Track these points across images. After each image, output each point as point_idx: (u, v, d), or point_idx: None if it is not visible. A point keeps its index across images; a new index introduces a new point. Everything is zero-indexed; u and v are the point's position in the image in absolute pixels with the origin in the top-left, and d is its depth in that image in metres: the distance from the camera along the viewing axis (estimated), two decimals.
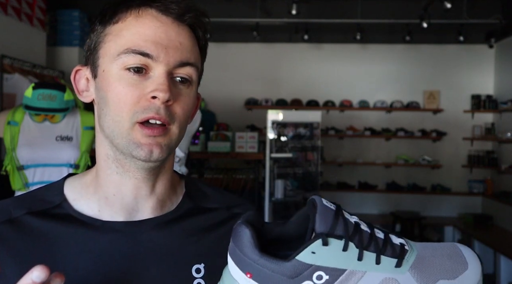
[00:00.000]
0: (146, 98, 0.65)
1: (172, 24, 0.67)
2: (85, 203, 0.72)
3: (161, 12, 0.67)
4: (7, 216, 0.69)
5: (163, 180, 0.73)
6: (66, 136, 2.52)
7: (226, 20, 5.93)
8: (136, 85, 0.65)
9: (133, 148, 0.65)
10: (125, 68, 0.65)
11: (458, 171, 6.43)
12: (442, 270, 0.54)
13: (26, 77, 4.12)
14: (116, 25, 0.67)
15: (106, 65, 0.67)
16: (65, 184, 0.74)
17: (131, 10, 0.67)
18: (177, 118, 0.67)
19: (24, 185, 2.44)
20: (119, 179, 0.70)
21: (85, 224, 0.69)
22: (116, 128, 0.66)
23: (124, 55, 0.65)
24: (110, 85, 0.66)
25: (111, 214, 0.71)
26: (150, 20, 0.66)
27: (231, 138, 4.69)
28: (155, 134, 0.65)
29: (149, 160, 0.66)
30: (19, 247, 0.66)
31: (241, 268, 0.53)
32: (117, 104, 0.65)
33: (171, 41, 0.66)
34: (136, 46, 0.65)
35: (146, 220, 0.71)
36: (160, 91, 0.64)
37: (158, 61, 0.65)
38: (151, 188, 0.72)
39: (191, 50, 0.69)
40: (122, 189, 0.70)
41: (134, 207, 0.71)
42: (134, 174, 0.69)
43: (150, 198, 0.72)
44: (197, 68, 0.70)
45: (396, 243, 0.55)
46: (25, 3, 4.68)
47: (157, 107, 0.64)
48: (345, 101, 6.47)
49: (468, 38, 5.99)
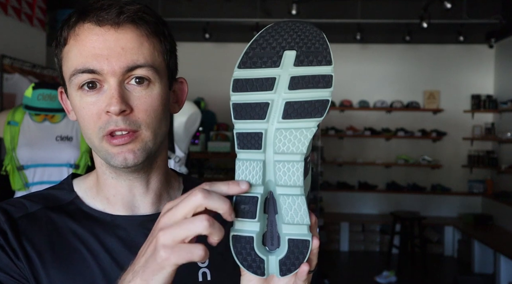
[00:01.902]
0: (104, 113, 0.66)
1: (108, 32, 0.66)
2: (91, 202, 0.75)
3: (95, 24, 0.66)
4: (24, 211, 0.71)
5: (157, 176, 0.75)
6: (66, 136, 2.51)
7: (226, 20, 5.93)
8: (94, 102, 0.67)
9: (109, 158, 0.68)
10: (80, 87, 0.67)
11: (458, 171, 6.43)
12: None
13: (26, 77, 4.12)
14: (65, 47, 0.69)
15: (68, 88, 0.70)
16: (73, 183, 0.78)
17: (69, 29, 0.68)
18: (143, 122, 0.67)
19: (24, 185, 2.44)
20: (115, 182, 0.74)
21: (97, 219, 0.73)
22: (90, 143, 0.70)
23: (73, 77, 0.67)
24: (75, 106, 0.69)
25: (115, 212, 0.74)
26: (86, 35, 0.66)
27: (231, 138, 4.69)
28: (122, 142, 0.66)
29: (126, 166, 0.68)
30: (38, 239, 0.69)
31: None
32: (84, 122, 0.68)
33: (111, 49, 0.65)
34: (80, 64, 0.66)
35: (151, 215, 0.74)
36: (111, 105, 0.65)
37: (104, 73, 0.65)
38: (146, 185, 0.74)
39: (137, 51, 0.67)
40: (120, 190, 0.74)
41: (134, 204, 0.75)
42: (127, 176, 0.73)
43: (147, 194, 0.75)
44: (151, 66, 0.67)
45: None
46: (25, 3, 4.68)
47: (115, 120, 0.65)
48: (345, 101, 6.47)
49: (468, 38, 5.99)
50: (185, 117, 2.64)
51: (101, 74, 0.65)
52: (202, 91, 6.22)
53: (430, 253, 6.03)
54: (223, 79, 6.57)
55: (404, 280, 5.16)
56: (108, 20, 0.66)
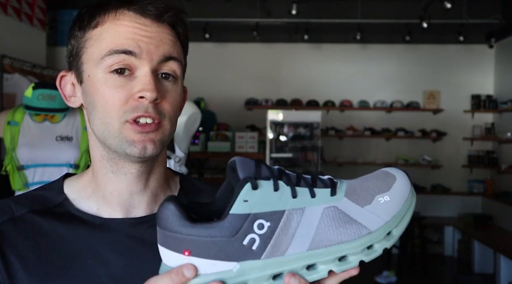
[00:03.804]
0: (134, 98, 0.65)
1: (151, 25, 0.67)
2: (84, 203, 0.73)
3: (139, 14, 0.67)
4: (9, 215, 0.70)
5: (156, 174, 0.75)
6: (66, 136, 2.51)
7: (226, 20, 5.93)
8: (123, 86, 0.65)
9: (126, 146, 0.66)
10: (110, 71, 0.66)
11: (458, 171, 6.43)
12: (375, 187, 0.55)
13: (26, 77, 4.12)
14: (96, 29, 0.67)
15: (90, 70, 0.68)
16: (64, 184, 0.75)
17: (109, 13, 0.67)
18: (167, 114, 0.68)
19: (24, 185, 2.44)
20: (114, 177, 0.71)
21: (86, 222, 0.70)
22: (106, 129, 0.67)
23: (107, 57, 0.65)
24: (97, 89, 0.67)
25: (110, 212, 0.72)
26: (128, 21, 0.66)
27: (231, 138, 4.70)
28: (147, 130, 0.66)
29: (143, 156, 0.67)
30: (22, 245, 0.67)
31: (175, 250, 0.49)
32: (105, 107, 0.66)
33: (152, 38, 0.67)
34: (118, 45, 0.65)
35: (144, 217, 0.73)
36: (147, 90, 0.64)
37: (142, 58, 0.65)
38: (144, 183, 0.73)
39: (173, 45, 0.69)
40: (118, 187, 0.72)
41: (130, 203, 0.73)
42: (129, 170, 0.71)
43: (144, 193, 0.73)
44: (180, 62, 0.70)
45: (324, 178, 0.55)
46: (25, 3, 4.68)
47: (146, 106, 0.65)
48: (345, 101, 6.47)
49: (468, 38, 5.99)
50: (185, 117, 2.64)
51: (138, 58, 0.65)
52: (202, 91, 6.22)
53: (430, 253, 6.03)
54: (223, 79, 6.60)
55: (404, 280, 5.15)
56: (153, 15, 0.67)
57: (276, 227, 0.50)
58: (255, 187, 0.49)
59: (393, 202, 0.55)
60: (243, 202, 0.49)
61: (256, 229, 0.49)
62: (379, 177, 0.57)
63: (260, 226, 0.49)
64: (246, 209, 0.49)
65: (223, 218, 0.49)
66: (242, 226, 0.49)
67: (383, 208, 0.54)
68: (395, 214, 0.55)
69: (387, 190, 0.55)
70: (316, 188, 0.53)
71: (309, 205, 0.52)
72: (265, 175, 0.51)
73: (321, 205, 0.52)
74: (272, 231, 0.50)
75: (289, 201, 0.51)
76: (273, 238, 0.50)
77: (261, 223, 0.49)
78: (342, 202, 0.53)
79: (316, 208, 0.52)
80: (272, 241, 0.50)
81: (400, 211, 0.55)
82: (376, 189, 0.55)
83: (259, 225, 0.49)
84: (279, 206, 0.50)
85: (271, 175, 0.51)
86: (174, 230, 0.49)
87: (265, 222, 0.49)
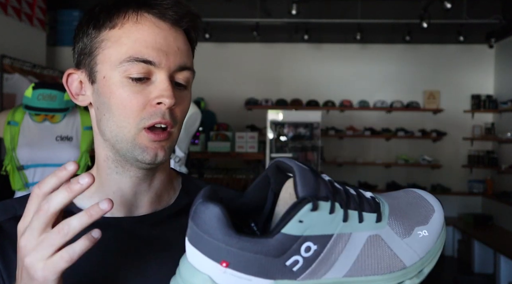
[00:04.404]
0: (151, 104, 0.66)
1: (170, 29, 0.68)
2: (87, 201, 0.73)
3: (159, 18, 0.67)
4: (12, 213, 0.71)
5: (160, 175, 0.75)
6: (66, 136, 2.51)
7: (226, 20, 5.93)
8: (140, 92, 0.66)
9: (139, 152, 0.67)
10: (128, 76, 0.66)
11: (458, 171, 6.43)
12: (415, 218, 0.53)
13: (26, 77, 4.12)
14: (113, 30, 0.67)
15: (107, 72, 0.67)
16: None
17: (128, 15, 0.67)
18: (178, 121, 0.70)
19: (24, 185, 2.44)
20: (119, 178, 0.72)
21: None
22: (120, 133, 0.67)
23: (127, 63, 0.65)
24: (113, 92, 0.66)
25: (112, 211, 0.72)
26: (149, 26, 0.66)
27: (231, 138, 4.69)
28: (160, 138, 0.67)
29: (154, 163, 0.68)
30: None
31: (212, 258, 0.46)
32: (122, 111, 0.66)
33: (170, 46, 0.67)
34: (138, 53, 0.65)
35: (146, 216, 0.73)
36: (166, 97, 0.65)
37: (160, 67, 0.66)
38: (149, 183, 0.74)
39: (187, 54, 0.70)
40: (122, 187, 0.72)
41: (133, 203, 0.73)
42: (135, 173, 0.71)
43: (148, 193, 0.74)
44: (193, 71, 0.71)
45: (368, 197, 0.52)
46: (25, 3, 4.68)
47: (163, 112, 0.66)
48: (345, 101, 6.47)
49: (468, 38, 5.99)
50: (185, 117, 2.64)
51: (156, 67, 0.66)
52: (202, 91, 6.22)
53: None
54: (223, 79, 6.59)
55: None
56: (173, 19, 0.68)
57: (322, 251, 0.47)
58: (315, 209, 0.46)
59: (430, 238, 0.53)
60: (298, 222, 0.45)
61: (302, 252, 0.46)
62: (419, 205, 0.54)
63: (307, 249, 0.47)
64: (299, 231, 0.46)
65: (272, 236, 0.45)
66: (291, 247, 0.46)
67: (421, 244, 0.52)
68: (429, 251, 0.53)
69: (426, 224, 0.53)
70: (364, 212, 0.50)
71: (355, 230, 0.49)
72: (324, 194, 0.47)
73: (366, 232, 0.50)
74: (317, 255, 0.47)
75: (339, 225, 0.48)
76: (316, 262, 0.47)
77: (308, 246, 0.46)
78: (385, 230, 0.51)
79: (362, 234, 0.49)
80: (314, 265, 0.47)
81: (434, 248, 0.53)
82: (416, 220, 0.53)
83: (307, 248, 0.46)
84: (329, 229, 0.47)
85: (329, 193, 0.48)
86: (216, 238, 0.45)
87: (313, 245, 0.47)
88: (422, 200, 0.55)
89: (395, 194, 0.56)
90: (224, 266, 0.45)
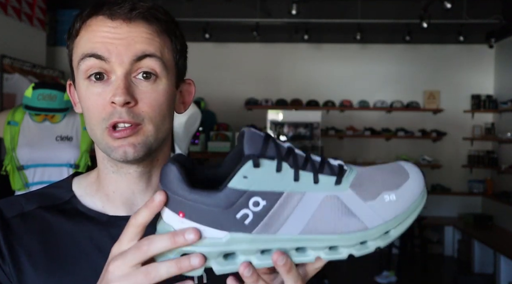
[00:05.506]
0: (109, 104, 0.66)
1: (120, 26, 0.68)
2: (90, 200, 0.75)
3: (107, 17, 0.68)
4: (19, 210, 0.72)
5: (158, 173, 0.75)
6: (66, 136, 2.51)
7: (226, 20, 5.93)
8: (99, 93, 0.67)
9: (110, 151, 0.68)
10: (86, 77, 0.68)
11: (458, 171, 6.43)
12: (384, 183, 0.54)
13: (26, 77, 4.12)
14: (76, 39, 0.70)
15: (76, 78, 0.71)
16: (73, 182, 0.78)
17: (82, 22, 0.69)
18: (146, 116, 0.67)
19: (24, 185, 2.44)
20: (115, 177, 0.73)
21: (92, 219, 0.73)
22: (93, 135, 0.70)
23: (81, 62, 0.68)
24: (82, 96, 0.69)
25: (114, 210, 0.74)
26: (97, 26, 0.68)
27: (231, 138, 4.69)
28: (123, 135, 0.66)
29: (125, 160, 0.68)
30: (30, 239, 0.70)
31: (172, 209, 0.51)
32: (88, 113, 0.69)
33: (121, 39, 0.67)
34: (88, 50, 0.67)
35: None
36: (116, 95, 0.65)
37: (111, 61, 0.66)
38: (146, 182, 0.74)
39: (149, 42, 0.68)
40: (120, 186, 0.74)
41: (133, 202, 0.74)
42: (127, 170, 0.72)
43: (147, 192, 0.75)
44: (159, 58, 0.68)
45: (334, 164, 0.55)
46: (25, 3, 4.68)
47: (119, 111, 0.66)
48: (345, 101, 6.47)
49: (468, 38, 5.99)
50: (185, 117, 2.64)
51: (108, 62, 0.66)
52: (202, 91, 6.22)
53: (430, 253, 6.03)
54: (223, 79, 6.59)
55: (404, 280, 5.15)
56: (121, 15, 0.67)
57: (272, 207, 0.50)
58: (257, 165, 0.50)
59: (399, 203, 0.54)
60: (242, 178, 0.50)
61: (251, 206, 0.50)
62: (393, 171, 0.56)
63: (256, 203, 0.50)
64: (244, 185, 0.50)
65: (220, 189, 0.50)
66: (237, 201, 0.50)
67: (386, 207, 0.53)
68: (397, 215, 0.54)
69: (396, 189, 0.54)
70: (321, 174, 0.52)
71: (310, 190, 0.52)
72: (271, 154, 0.51)
73: (323, 193, 0.52)
74: (266, 210, 0.50)
75: (290, 184, 0.51)
76: (267, 217, 0.51)
77: (256, 201, 0.50)
78: (346, 193, 0.53)
79: (317, 194, 0.52)
80: (265, 219, 0.51)
81: (404, 213, 0.54)
82: (385, 185, 0.54)
83: (255, 202, 0.50)
84: (278, 187, 0.51)
85: (277, 154, 0.51)
86: (174, 192, 0.51)
87: (261, 200, 0.50)
88: (400, 169, 0.57)
89: (378, 165, 0.58)
90: (181, 216, 0.51)
